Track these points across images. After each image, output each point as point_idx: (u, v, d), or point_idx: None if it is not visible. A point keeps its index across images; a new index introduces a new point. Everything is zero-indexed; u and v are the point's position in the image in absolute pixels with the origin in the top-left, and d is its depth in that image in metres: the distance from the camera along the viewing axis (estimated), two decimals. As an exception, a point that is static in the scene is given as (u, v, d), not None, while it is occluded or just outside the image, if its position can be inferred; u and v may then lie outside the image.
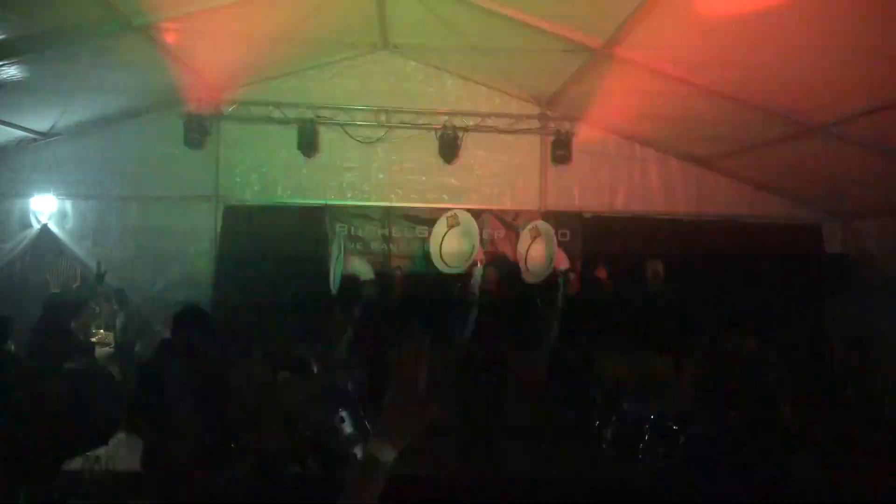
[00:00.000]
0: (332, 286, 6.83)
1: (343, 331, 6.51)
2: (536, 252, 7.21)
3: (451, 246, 7.14)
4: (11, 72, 6.54)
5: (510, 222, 9.38)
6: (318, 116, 8.96)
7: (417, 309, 6.80)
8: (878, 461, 4.55)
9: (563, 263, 7.12)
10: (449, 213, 7.27)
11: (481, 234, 8.90)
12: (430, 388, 1.57)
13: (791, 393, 4.59)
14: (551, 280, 6.88)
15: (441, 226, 7.26)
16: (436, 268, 7.39)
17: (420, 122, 9.10)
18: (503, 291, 6.83)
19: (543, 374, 6.50)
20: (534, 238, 7.28)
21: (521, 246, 7.40)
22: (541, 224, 7.33)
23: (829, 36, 5.21)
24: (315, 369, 5.49)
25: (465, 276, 6.94)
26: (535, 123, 9.32)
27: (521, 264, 7.26)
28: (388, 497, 1.57)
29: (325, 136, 9.07)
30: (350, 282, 6.74)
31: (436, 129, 9.02)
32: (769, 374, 4.59)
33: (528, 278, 7.12)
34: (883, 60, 5.20)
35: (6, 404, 3.81)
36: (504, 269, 7.30)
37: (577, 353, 6.52)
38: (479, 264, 6.81)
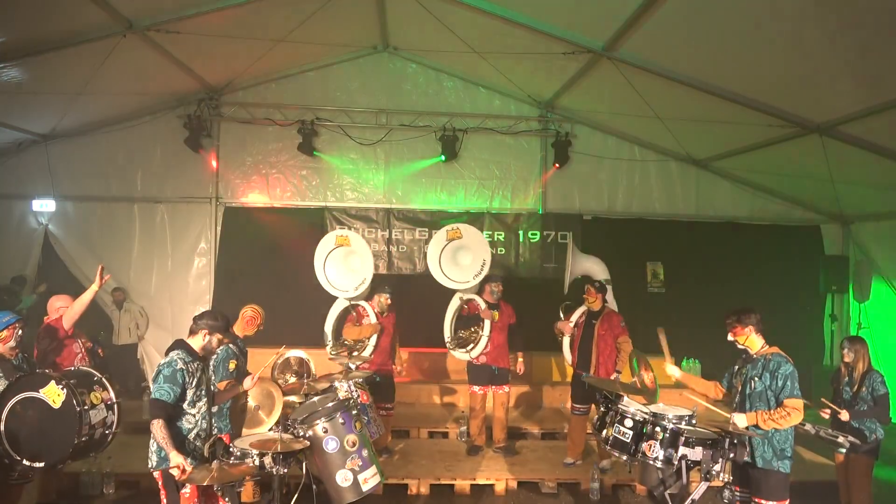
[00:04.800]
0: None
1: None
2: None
3: (453, 260, 6.70)
4: (13, 74, 6.55)
5: (510, 224, 9.41)
6: (318, 118, 8.98)
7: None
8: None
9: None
10: (450, 227, 6.68)
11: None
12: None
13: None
14: None
15: (440, 239, 6.65)
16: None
17: (420, 123, 9.12)
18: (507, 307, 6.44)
19: None
20: None
21: None
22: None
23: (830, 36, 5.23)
24: None
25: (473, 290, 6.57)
26: (534, 125, 9.34)
27: None
28: None
29: (325, 137, 9.09)
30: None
31: (435, 131, 9.04)
32: None
33: None
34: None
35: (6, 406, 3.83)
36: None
37: None
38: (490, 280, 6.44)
